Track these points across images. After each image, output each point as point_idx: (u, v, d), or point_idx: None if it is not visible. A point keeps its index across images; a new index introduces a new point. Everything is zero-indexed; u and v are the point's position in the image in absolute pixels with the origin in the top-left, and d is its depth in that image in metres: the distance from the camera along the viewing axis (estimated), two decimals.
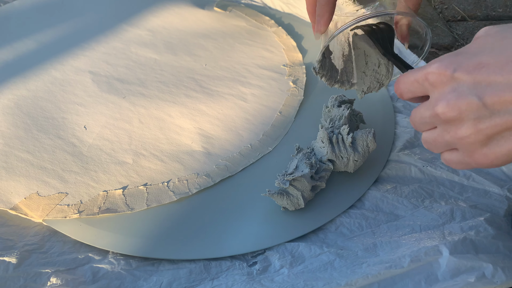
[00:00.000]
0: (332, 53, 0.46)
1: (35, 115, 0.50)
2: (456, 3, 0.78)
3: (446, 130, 0.28)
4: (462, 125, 0.27)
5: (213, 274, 0.38)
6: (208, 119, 0.51)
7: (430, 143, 0.30)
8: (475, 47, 0.27)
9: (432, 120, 0.29)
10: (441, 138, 0.29)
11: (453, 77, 0.27)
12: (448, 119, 0.28)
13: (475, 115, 0.26)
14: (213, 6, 0.69)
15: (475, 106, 0.26)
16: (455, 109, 0.27)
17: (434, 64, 0.28)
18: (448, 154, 0.30)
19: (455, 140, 0.28)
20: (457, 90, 0.27)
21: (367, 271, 0.36)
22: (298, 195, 0.41)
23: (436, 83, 0.28)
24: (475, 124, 0.27)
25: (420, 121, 0.30)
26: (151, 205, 0.42)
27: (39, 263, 0.37)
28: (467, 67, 0.26)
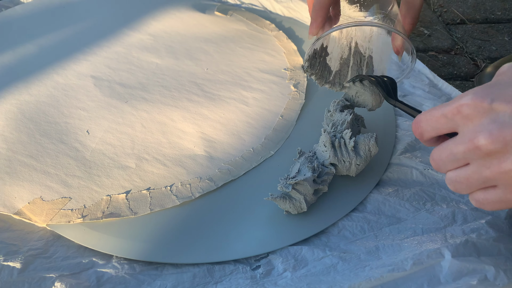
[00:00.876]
0: (328, 54, 0.47)
1: (38, 120, 0.51)
2: (456, 6, 0.78)
3: (485, 166, 0.26)
4: (508, 158, 0.25)
5: (216, 278, 0.38)
6: (210, 123, 0.51)
7: (460, 183, 0.28)
8: (506, 79, 0.26)
9: (466, 155, 0.27)
10: (477, 175, 0.27)
11: (491, 108, 0.25)
12: (490, 152, 0.26)
13: None
14: (214, 10, 0.70)
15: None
16: (500, 140, 0.25)
17: (467, 96, 0.26)
18: (483, 193, 0.28)
19: (496, 175, 0.26)
20: (497, 121, 0.25)
21: (370, 274, 0.36)
22: (301, 199, 0.41)
23: (472, 116, 0.26)
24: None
25: (448, 159, 0.28)
26: (154, 209, 0.42)
27: (43, 267, 0.37)
28: (505, 97, 0.25)
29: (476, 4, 0.79)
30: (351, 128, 0.45)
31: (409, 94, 0.56)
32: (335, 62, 0.48)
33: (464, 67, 0.65)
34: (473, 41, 0.70)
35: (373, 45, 0.47)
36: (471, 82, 0.62)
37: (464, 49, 0.69)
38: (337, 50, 0.47)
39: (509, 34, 0.72)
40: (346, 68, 0.48)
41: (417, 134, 0.30)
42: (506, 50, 0.68)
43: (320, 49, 0.47)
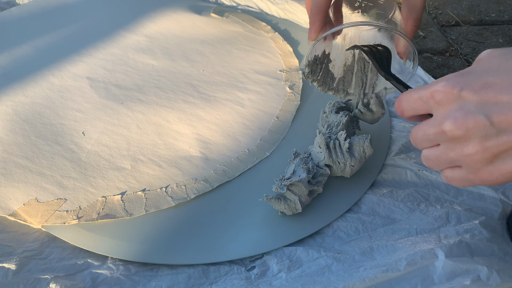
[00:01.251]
0: (331, 61, 0.47)
1: (33, 121, 0.51)
2: (450, 8, 0.79)
3: (450, 148, 0.29)
4: (469, 143, 0.28)
5: (211, 278, 0.38)
6: (206, 125, 0.51)
7: (432, 160, 0.30)
8: (480, 68, 0.28)
9: (436, 137, 0.29)
10: (445, 156, 0.29)
11: (460, 95, 0.27)
12: (455, 136, 0.28)
13: (482, 133, 0.27)
14: (210, 12, 0.70)
15: (482, 124, 0.27)
16: (463, 127, 0.27)
17: (440, 83, 0.28)
18: (450, 171, 0.30)
19: (460, 158, 0.28)
20: (464, 109, 0.27)
21: (364, 275, 0.36)
22: (296, 200, 0.41)
23: (442, 101, 0.28)
24: (482, 142, 0.27)
25: (422, 138, 0.30)
26: (149, 211, 0.42)
27: (38, 269, 0.37)
28: (474, 86, 0.27)
29: (471, 6, 0.80)
30: (346, 130, 0.46)
31: None
32: (339, 69, 0.48)
33: (459, 68, 0.66)
34: (467, 43, 0.71)
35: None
36: None
37: (458, 50, 0.69)
38: (340, 57, 0.48)
39: (503, 36, 0.72)
40: (350, 74, 0.48)
41: (399, 111, 0.32)
42: None
43: (322, 56, 0.47)
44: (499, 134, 0.26)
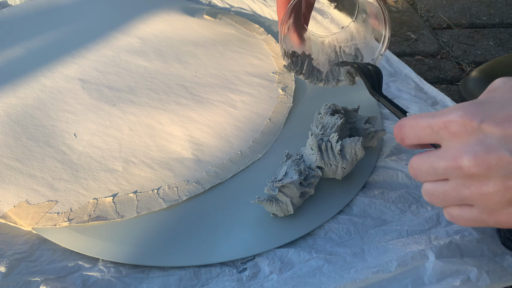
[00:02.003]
0: (313, 59, 0.48)
1: (24, 122, 0.50)
2: (442, 11, 0.80)
3: (464, 185, 0.26)
4: (489, 181, 0.25)
5: (203, 280, 0.38)
6: (198, 126, 0.51)
7: (437, 196, 0.28)
8: (499, 98, 0.25)
9: (447, 172, 0.26)
10: (455, 193, 0.26)
11: (480, 128, 0.24)
12: (473, 174, 0.25)
13: (506, 172, 0.24)
14: (203, 14, 0.70)
15: (507, 161, 0.24)
16: (484, 163, 0.24)
17: (456, 112, 0.25)
18: (458, 209, 0.27)
19: (475, 197, 0.26)
20: (485, 143, 0.24)
21: (355, 276, 0.36)
22: (287, 202, 0.41)
23: (458, 134, 0.25)
24: (504, 181, 0.24)
25: (428, 171, 0.27)
26: (141, 213, 0.42)
27: (28, 271, 0.37)
28: (496, 118, 0.24)
29: (462, 9, 0.80)
30: (340, 132, 0.46)
31: (395, 97, 0.57)
32: (324, 66, 0.48)
33: (450, 71, 0.66)
34: (459, 45, 0.71)
35: (356, 39, 0.48)
36: (457, 86, 0.63)
37: (450, 53, 0.70)
38: (323, 56, 0.48)
39: (494, 39, 0.73)
40: (337, 67, 0.48)
41: (398, 138, 0.29)
42: (491, 55, 0.69)
43: (303, 55, 0.47)
44: None
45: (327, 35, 0.48)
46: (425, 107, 0.54)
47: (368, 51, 0.48)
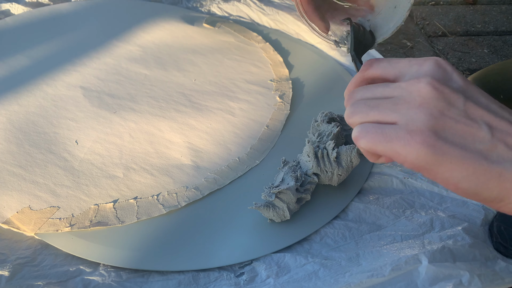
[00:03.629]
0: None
1: (27, 130, 0.51)
2: (437, 19, 0.81)
3: (400, 88, 0.25)
4: (429, 90, 0.24)
5: (201, 284, 0.39)
6: (197, 133, 0.52)
7: (364, 104, 0.26)
8: None
9: (389, 93, 0.25)
10: (380, 93, 0.25)
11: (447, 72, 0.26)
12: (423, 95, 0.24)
13: (450, 102, 0.24)
14: (202, 22, 0.71)
15: (457, 98, 0.25)
16: (439, 89, 0.24)
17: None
18: (377, 125, 0.25)
19: (404, 95, 0.25)
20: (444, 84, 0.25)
21: (350, 280, 0.37)
22: (284, 207, 0.42)
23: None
24: (445, 106, 0.24)
25: (365, 95, 0.26)
26: (141, 218, 0.43)
27: (31, 276, 0.38)
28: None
29: (457, 17, 0.82)
30: (336, 140, 0.47)
31: None
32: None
33: None
34: (453, 53, 0.73)
35: None
36: None
37: None
38: None
39: (488, 46, 0.74)
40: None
41: (366, 65, 0.28)
42: (485, 62, 0.71)
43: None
44: (464, 116, 0.24)
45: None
46: None
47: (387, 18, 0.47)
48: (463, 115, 0.24)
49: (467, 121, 0.24)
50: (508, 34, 0.77)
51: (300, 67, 0.64)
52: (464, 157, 0.24)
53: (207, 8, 0.76)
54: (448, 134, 0.24)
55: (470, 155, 0.24)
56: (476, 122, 0.24)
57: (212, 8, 0.76)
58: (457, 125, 0.24)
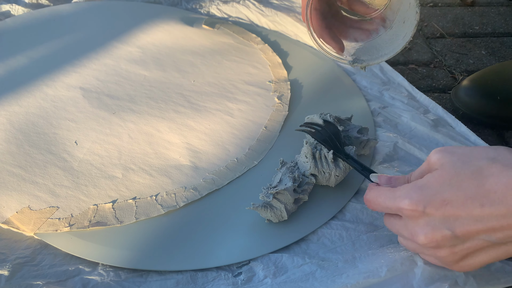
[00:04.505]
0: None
1: (26, 130, 0.52)
2: (436, 21, 0.81)
3: (424, 253, 0.36)
4: (440, 250, 0.34)
5: (199, 284, 0.39)
6: (196, 134, 0.53)
7: (407, 246, 0.37)
8: (434, 182, 0.33)
9: (408, 243, 0.36)
10: (419, 251, 0.37)
11: (425, 212, 0.33)
12: (428, 246, 0.34)
13: (450, 244, 0.33)
14: (201, 24, 0.72)
15: (449, 237, 0.32)
16: (433, 240, 0.33)
17: (404, 200, 0.33)
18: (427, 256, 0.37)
19: (433, 258, 0.36)
20: (430, 224, 0.33)
21: (346, 281, 0.38)
22: (282, 208, 0.43)
23: (411, 216, 0.34)
24: (451, 249, 0.33)
25: (397, 232, 0.37)
26: (139, 218, 0.44)
27: (30, 275, 0.38)
28: (435, 203, 0.32)
29: (455, 19, 0.82)
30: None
31: (388, 106, 0.58)
32: None
33: (443, 79, 0.68)
34: (451, 54, 0.73)
35: None
36: (448, 94, 0.64)
37: (443, 62, 0.71)
38: None
39: (486, 48, 0.75)
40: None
41: (370, 209, 0.38)
42: (483, 64, 0.71)
43: None
44: (464, 242, 0.32)
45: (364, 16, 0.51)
46: (417, 115, 0.56)
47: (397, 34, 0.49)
48: (461, 242, 0.33)
49: (471, 245, 0.33)
50: (506, 35, 0.78)
51: (299, 69, 0.64)
52: (485, 262, 0.34)
53: (206, 9, 0.76)
54: (470, 256, 0.34)
55: (489, 258, 0.34)
56: (475, 240, 0.32)
57: (211, 9, 0.76)
58: (468, 250, 0.33)
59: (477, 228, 0.31)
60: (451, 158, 0.33)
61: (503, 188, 0.30)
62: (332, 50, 0.49)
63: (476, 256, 0.33)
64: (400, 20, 0.48)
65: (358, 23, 0.52)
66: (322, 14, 0.48)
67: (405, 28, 0.47)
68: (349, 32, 0.51)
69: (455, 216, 0.32)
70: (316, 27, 0.48)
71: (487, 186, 0.31)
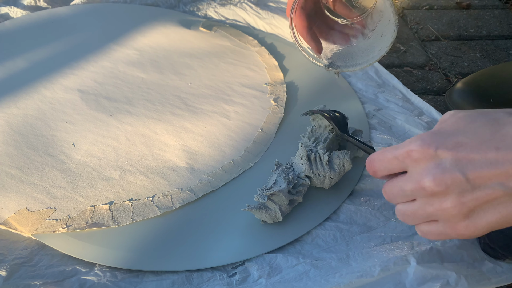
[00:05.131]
0: None
1: (25, 132, 0.52)
2: (431, 23, 0.82)
3: (428, 203, 0.30)
4: (447, 198, 0.29)
5: (195, 284, 0.40)
6: (193, 136, 0.53)
7: (407, 215, 0.32)
8: (449, 127, 0.30)
9: (414, 193, 0.31)
10: (422, 211, 0.31)
11: (436, 154, 0.29)
12: (434, 192, 0.29)
13: (459, 189, 0.29)
14: (198, 26, 0.72)
15: (459, 180, 0.29)
16: (442, 183, 0.29)
17: (416, 142, 0.30)
18: (426, 225, 0.31)
19: (437, 212, 0.30)
20: (441, 166, 0.29)
21: (340, 280, 0.38)
22: (276, 209, 0.43)
23: (419, 159, 0.30)
24: (459, 197, 0.29)
25: (398, 194, 0.32)
26: (136, 219, 0.44)
27: (28, 275, 0.39)
28: (448, 145, 0.29)
29: (451, 22, 0.83)
30: (331, 145, 0.48)
31: (383, 108, 0.59)
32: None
33: (437, 82, 0.69)
34: (446, 57, 0.74)
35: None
36: (443, 97, 0.65)
37: (437, 64, 0.72)
38: None
39: (480, 50, 0.75)
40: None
41: (371, 172, 0.33)
42: (478, 66, 0.72)
43: None
44: (474, 190, 0.29)
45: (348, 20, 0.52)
46: (411, 118, 0.56)
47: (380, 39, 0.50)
48: (471, 189, 0.29)
49: (481, 194, 0.29)
50: (501, 38, 0.78)
51: (295, 71, 0.65)
52: (492, 223, 0.29)
53: (204, 12, 0.77)
54: (477, 211, 0.29)
55: (497, 218, 0.29)
56: (486, 188, 0.29)
57: (208, 12, 0.77)
58: (477, 202, 0.29)
59: (491, 172, 0.28)
60: (465, 112, 0.31)
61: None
62: (311, 50, 0.50)
63: (484, 213, 0.29)
64: (379, 33, 0.49)
65: (339, 26, 0.53)
66: (307, 14, 0.49)
67: (381, 42, 0.48)
68: (330, 33, 0.52)
69: (468, 159, 0.28)
70: (298, 26, 0.49)
71: (503, 131, 0.28)
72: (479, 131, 0.29)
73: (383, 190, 0.33)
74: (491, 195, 0.28)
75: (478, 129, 0.29)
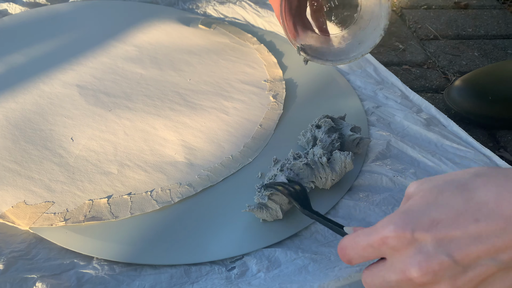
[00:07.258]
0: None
1: (23, 127, 0.52)
2: (430, 23, 0.82)
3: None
4: (440, 285, 0.27)
5: (193, 278, 0.39)
6: (191, 132, 0.53)
7: None
8: (418, 204, 0.28)
9: (400, 284, 0.28)
10: None
11: (413, 238, 0.26)
12: (423, 282, 0.27)
13: (450, 274, 0.26)
14: (198, 24, 0.72)
15: (447, 264, 0.26)
16: (430, 270, 0.26)
17: (389, 227, 0.27)
18: None
19: None
20: (423, 251, 0.26)
21: (339, 274, 0.38)
22: (277, 208, 0.43)
23: (398, 247, 0.27)
24: (452, 282, 0.26)
25: (382, 285, 0.29)
26: (134, 213, 0.44)
27: (25, 269, 0.39)
28: (423, 225, 0.26)
29: (449, 21, 0.83)
30: (331, 148, 0.48)
31: (382, 105, 0.59)
32: None
33: (436, 80, 0.69)
34: (444, 56, 0.74)
35: None
36: (441, 94, 0.65)
37: (436, 63, 0.72)
38: None
39: (478, 49, 0.76)
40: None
41: (345, 260, 0.30)
42: (475, 65, 0.72)
43: None
44: (466, 271, 0.26)
45: None
46: (410, 114, 0.57)
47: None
48: (463, 271, 0.26)
49: (474, 273, 0.26)
50: (498, 38, 0.79)
51: (294, 68, 0.65)
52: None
53: (203, 9, 0.77)
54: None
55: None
56: (478, 266, 0.26)
57: (207, 9, 0.77)
58: (473, 282, 0.26)
59: (478, 249, 0.25)
60: (430, 182, 0.28)
61: (494, 197, 0.26)
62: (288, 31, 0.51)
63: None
64: (356, 42, 0.50)
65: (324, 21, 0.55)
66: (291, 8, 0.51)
67: (356, 49, 0.49)
68: (312, 32, 0.54)
69: (449, 238, 0.26)
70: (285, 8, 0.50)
71: (476, 199, 0.26)
72: (451, 202, 0.27)
73: (363, 279, 0.30)
74: (485, 272, 0.26)
75: (449, 201, 0.27)
